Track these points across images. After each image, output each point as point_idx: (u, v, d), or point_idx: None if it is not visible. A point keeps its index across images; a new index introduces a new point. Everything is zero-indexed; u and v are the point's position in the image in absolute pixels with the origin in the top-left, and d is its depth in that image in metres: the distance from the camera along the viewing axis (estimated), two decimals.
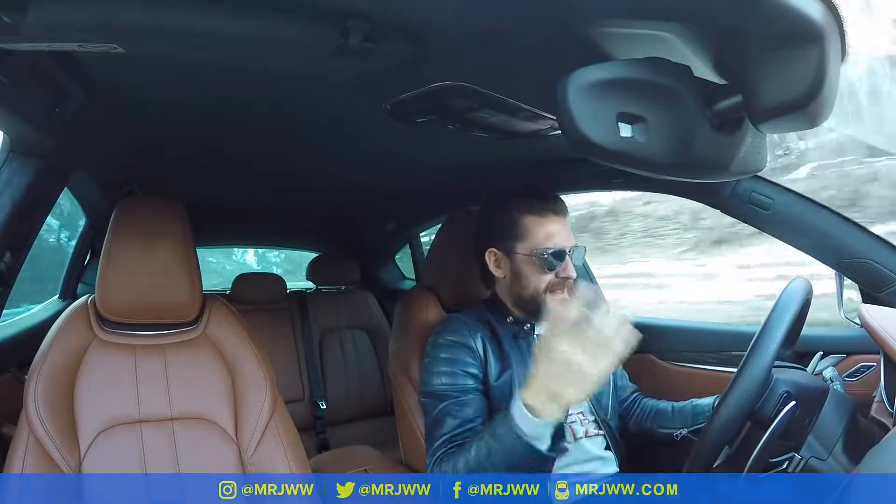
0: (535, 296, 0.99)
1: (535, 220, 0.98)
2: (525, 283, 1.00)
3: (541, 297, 0.98)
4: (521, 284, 1.00)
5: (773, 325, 0.71)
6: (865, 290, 0.98)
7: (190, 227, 0.99)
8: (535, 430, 0.75)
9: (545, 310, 0.97)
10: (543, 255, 0.96)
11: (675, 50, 0.57)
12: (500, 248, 1.02)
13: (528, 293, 1.00)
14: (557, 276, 0.97)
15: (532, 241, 0.98)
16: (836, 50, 0.50)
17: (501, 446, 0.78)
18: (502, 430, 0.78)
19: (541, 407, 0.74)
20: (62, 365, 0.88)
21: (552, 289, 0.98)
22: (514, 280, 1.02)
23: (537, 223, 0.98)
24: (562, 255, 0.97)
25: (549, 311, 0.73)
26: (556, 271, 0.97)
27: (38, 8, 0.51)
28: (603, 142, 0.49)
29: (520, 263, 1.00)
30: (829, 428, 0.71)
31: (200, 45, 0.61)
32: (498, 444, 0.78)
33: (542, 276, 0.98)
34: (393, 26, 0.60)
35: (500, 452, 0.78)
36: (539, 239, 0.98)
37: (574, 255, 0.99)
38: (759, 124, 0.57)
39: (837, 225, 0.99)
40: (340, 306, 2.17)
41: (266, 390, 0.98)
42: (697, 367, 1.31)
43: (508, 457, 0.77)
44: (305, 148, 1.17)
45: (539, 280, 0.98)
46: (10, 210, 0.90)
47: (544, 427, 0.75)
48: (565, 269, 0.97)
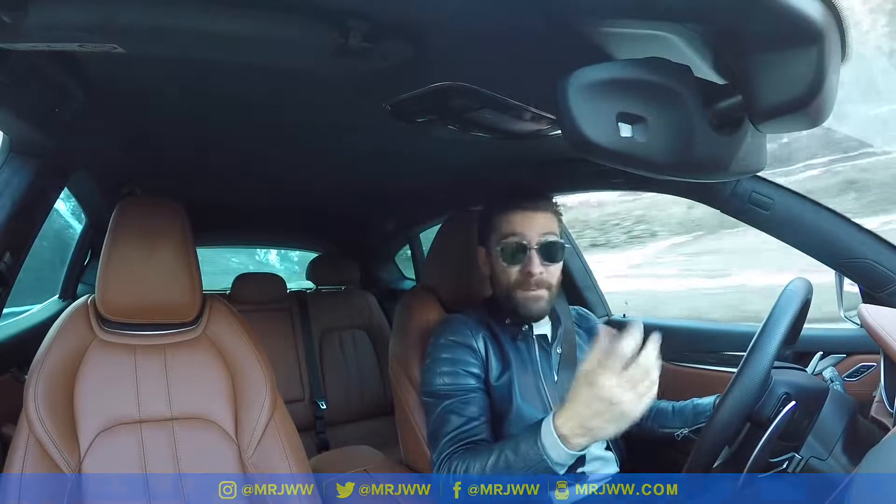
0: (507, 291, 0.99)
1: (503, 216, 0.99)
2: (497, 278, 1.01)
3: (512, 293, 0.98)
4: (496, 280, 1.02)
5: (773, 325, 0.71)
6: (865, 291, 0.98)
7: (190, 227, 0.99)
8: (561, 457, 0.74)
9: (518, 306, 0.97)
10: (501, 249, 0.97)
11: (675, 50, 0.57)
12: (484, 245, 1.05)
13: (501, 289, 1.01)
14: (522, 271, 0.96)
15: (498, 235, 0.99)
16: (836, 50, 0.50)
17: (523, 463, 0.77)
18: (526, 447, 0.77)
19: (571, 435, 0.73)
20: (62, 365, 0.88)
21: (519, 285, 0.97)
22: (492, 277, 1.03)
23: (504, 218, 0.99)
24: (521, 248, 0.96)
25: (600, 345, 0.70)
26: (520, 266, 0.96)
27: (38, 8, 0.51)
28: (603, 142, 0.49)
29: (492, 259, 1.01)
30: (829, 428, 0.71)
31: (200, 45, 0.61)
32: (519, 460, 0.78)
33: (507, 271, 0.98)
34: (393, 26, 0.60)
35: (519, 469, 0.78)
36: (502, 233, 0.98)
37: (545, 250, 0.96)
38: (759, 124, 0.57)
39: (837, 225, 0.99)
40: (340, 306, 2.17)
41: (266, 390, 0.98)
42: (697, 367, 1.31)
43: (525, 473, 0.77)
44: (305, 148, 1.17)
45: (506, 275, 0.98)
46: (10, 210, 0.90)
47: (570, 457, 0.74)
48: (528, 263, 0.95)
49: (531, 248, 0.96)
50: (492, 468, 0.81)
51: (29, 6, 0.50)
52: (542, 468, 0.75)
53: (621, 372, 0.69)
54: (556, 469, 0.75)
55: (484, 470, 0.82)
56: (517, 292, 0.98)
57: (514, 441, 0.81)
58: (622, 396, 0.68)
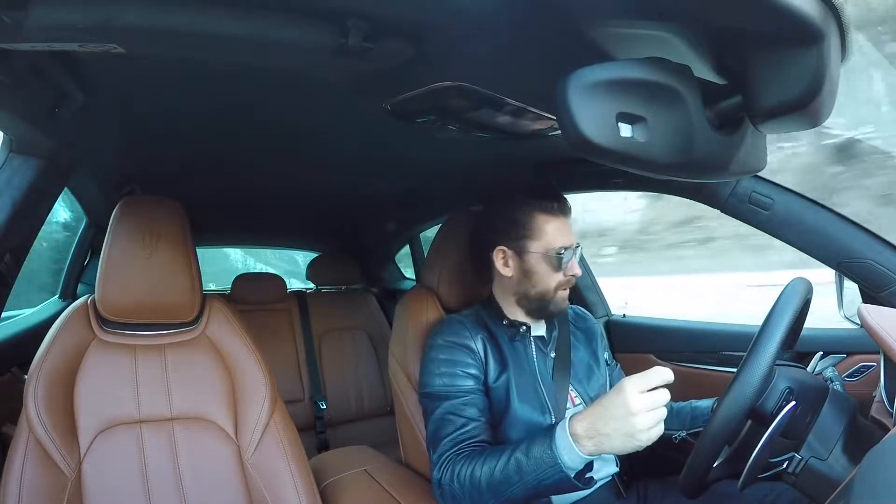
0: (544, 294, 1.01)
1: (548, 220, 1.00)
2: (535, 280, 1.01)
3: (550, 296, 1.01)
4: (530, 283, 1.02)
5: (773, 325, 0.71)
6: (865, 291, 0.98)
7: (190, 227, 0.99)
8: (574, 461, 0.75)
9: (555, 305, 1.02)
10: (558, 255, 0.99)
11: (675, 50, 0.57)
12: (511, 246, 1.02)
13: (536, 291, 1.01)
14: (565, 274, 1.00)
15: (545, 239, 1.00)
16: (836, 50, 0.50)
17: (534, 466, 0.78)
18: (540, 450, 0.78)
19: (583, 435, 0.75)
20: (62, 365, 0.88)
21: (562, 286, 1.01)
22: (522, 278, 1.02)
23: (550, 223, 1.00)
24: (570, 254, 1.00)
25: (653, 370, 0.73)
26: (564, 270, 0.99)
27: (38, 8, 0.51)
28: (603, 142, 0.49)
29: (532, 262, 1.01)
30: (829, 428, 0.71)
31: (200, 45, 0.61)
32: (531, 462, 0.78)
33: (553, 275, 1.00)
34: (393, 26, 0.60)
35: (530, 472, 0.78)
36: (552, 238, 1.00)
37: (577, 254, 1.01)
38: (759, 124, 0.57)
39: (837, 225, 0.98)
40: (340, 306, 2.17)
41: (266, 390, 0.98)
42: (697, 367, 1.31)
43: (535, 477, 0.78)
44: (305, 148, 1.17)
45: (551, 279, 1.00)
46: (10, 210, 0.90)
47: (581, 461, 0.76)
48: (572, 267, 1.00)
49: (574, 254, 1.00)
50: (501, 471, 0.81)
51: (29, 6, 0.50)
52: (553, 472, 0.76)
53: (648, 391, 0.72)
54: (568, 472, 0.75)
55: (492, 473, 0.82)
56: (558, 294, 1.01)
57: (525, 444, 0.81)
58: (640, 418, 0.71)
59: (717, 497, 0.83)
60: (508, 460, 0.81)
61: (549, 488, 0.79)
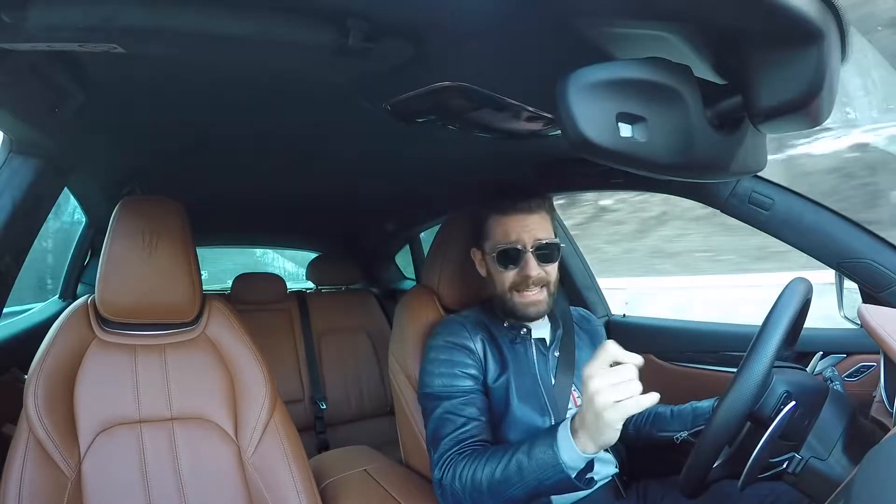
0: (503, 294, 1.00)
1: (497, 219, 1.00)
2: (493, 281, 1.02)
3: (507, 296, 0.99)
4: (493, 283, 1.02)
5: (773, 325, 0.71)
6: (865, 291, 0.98)
7: (190, 226, 0.99)
8: (574, 460, 0.75)
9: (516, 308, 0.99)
10: (495, 254, 0.98)
11: (675, 50, 0.57)
12: (479, 247, 1.05)
13: (497, 292, 1.02)
14: (519, 274, 0.97)
15: (493, 239, 1.00)
16: (836, 50, 0.50)
17: (536, 466, 0.77)
18: (541, 450, 0.77)
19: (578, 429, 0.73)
20: (62, 365, 0.88)
21: (516, 287, 0.98)
22: (488, 279, 1.04)
23: (498, 221, 1.00)
24: (516, 252, 0.97)
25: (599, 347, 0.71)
26: (517, 269, 0.97)
27: (38, 8, 0.51)
28: (603, 142, 0.49)
29: (487, 262, 1.02)
30: (829, 428, 0.71)
31: (200, 45, 0.61)
32: (533, 463, 0.78)
33: (504, 274, 0.99)
34: (393, 26, 0.60)
35: (531, 472, 0.78)
36: (498, 237, 0.99)
37: (541, 252, 0.97)
38: (759, 124, 0.57)
39: (837, 225, 0.98)
40: (340, 306, 2.17)
41: (265, 390, 0.98)
42: (697, 367, 1.31)
43: (538, 477, 0.77)
44: (305, 147, 1.17)
45: (503, 278, 0.99)
46: (10, 210, 0.90)
47: (582, 460, 0.75)
48: (525, 266, 0.97)
49: (527, 252, 0.97)
50: (502, 472, 0.80)
51: (29, 6, 0.50)
52: (554, 472, 0.76)
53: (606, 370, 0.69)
54: (568, 472, 0.75)
55: (493, 474, 0.81)
56: (513, 294, 0.99)
57: (527, 444, 0.80)
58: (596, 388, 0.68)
59: (717, 497, 0.83)
60: (510, 461, 0.80)
61: (550, 488, 0.78)
